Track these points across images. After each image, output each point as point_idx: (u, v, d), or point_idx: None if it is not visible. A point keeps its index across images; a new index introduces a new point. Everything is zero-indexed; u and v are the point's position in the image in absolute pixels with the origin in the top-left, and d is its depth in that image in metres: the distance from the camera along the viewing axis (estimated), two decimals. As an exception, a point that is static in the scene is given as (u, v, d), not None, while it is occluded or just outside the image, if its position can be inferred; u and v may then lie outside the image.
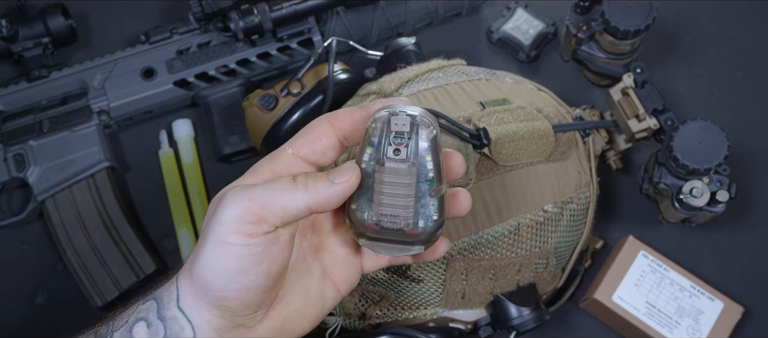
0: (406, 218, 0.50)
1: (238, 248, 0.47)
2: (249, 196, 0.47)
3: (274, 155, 0.51)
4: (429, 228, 0.50)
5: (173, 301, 0.50)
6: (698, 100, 0.86)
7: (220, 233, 0.47)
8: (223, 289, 0.48)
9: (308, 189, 0.48)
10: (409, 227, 0.50)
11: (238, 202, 0.47)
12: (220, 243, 0.47)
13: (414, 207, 0.49)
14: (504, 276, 0.68)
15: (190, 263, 0.50)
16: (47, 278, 0.81)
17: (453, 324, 0.71)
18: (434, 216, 0.50)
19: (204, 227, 0.49)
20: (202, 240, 0.48)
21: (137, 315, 0.51)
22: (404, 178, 0.49)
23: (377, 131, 0.48)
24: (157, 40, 0.84)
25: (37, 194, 0.80)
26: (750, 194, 0.81)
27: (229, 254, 0.47)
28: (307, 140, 0.51)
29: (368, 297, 0.70)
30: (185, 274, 0.50)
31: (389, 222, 0.50)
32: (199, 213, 0.82)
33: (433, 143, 0.48)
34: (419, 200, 0.49)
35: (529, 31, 0.87)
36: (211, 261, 0.47)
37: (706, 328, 0.73)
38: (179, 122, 0.85)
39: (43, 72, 0.82)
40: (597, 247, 0.79)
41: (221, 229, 0.47)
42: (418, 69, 0.73)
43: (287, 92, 0.78)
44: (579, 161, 0.73)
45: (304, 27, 0.82)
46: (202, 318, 0.49)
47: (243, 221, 0.47)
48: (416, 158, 0.48)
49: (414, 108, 0.49)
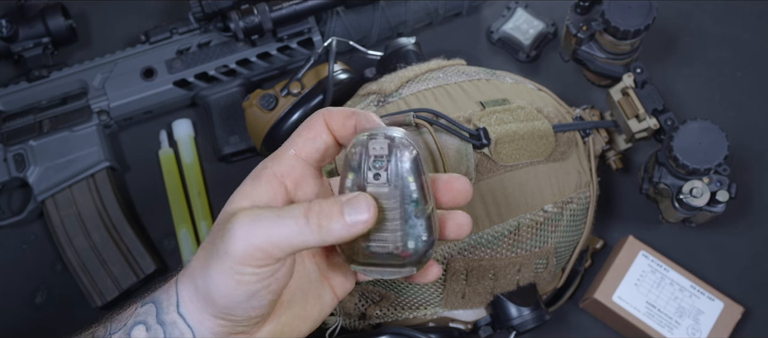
0: (394, 241, 0.49)
1: (247, 277, 0.46)
2: (260, 230, 0.46)
3: (276, 156, 0.51)
4: (420, 249, 0.49)
5: (173, 306, 0.50)
6: (698, 100, 0.86)
7: (229, 264, 0.46)
8: (231, 307, 0.48)
9: (321, 230, 0.46)
10: (399, 249, 0.49)
11: (247, 238, 0.46)
12: (229, 272, 0.46)
13: (401, 229, 0.49)
14: (504, 276, 0.68)
15: (193, 273, 0.49)
16: (47, 278, 0.81)
17: (453, 324, 0.71)
18: (424, 236, 0.49)
19: (212, 244, 0.48)
20: (209, 258, 0.48)
21: (136, 318, 0.51)
22: (387, 201, 0.48)
23: (357, 155, 0.48)
24: (157, 40, 0.84)
25: (37, 194, 0.80)
26: (750, 194, 0.81)
27: (238, 282, 0.47)
28: (307, 139, 0.51)
29: (368, 297, 0.70)
30: (187, 281, 0.50)
31: (378, 247, 0.49)
32: (199, 213, 0.82)
33: (415, 163, 0.48)
34: (407, 222, 0.49)
35: (529, 31, 0.87)
36: (220, 285, 0.47)
37: (706, 328, 0.73)
38: (179, 122, 0.85)
39: (43, 72, 0.82)
40: (597, 247, 0.79)
41: (230, 260, 0.46)
42: (418, 69, 0.73)
43: (287, 92, 0.78)
44: (579, 161, 0.73)
45: (304, 27, 0.82)
46: (203, 325, 0.49)
47: (253, 257, 0.46)
48: (398, 181, 0.48)
49: (395, 130, 0.48)
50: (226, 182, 0.83)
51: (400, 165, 0.48)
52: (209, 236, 0.49)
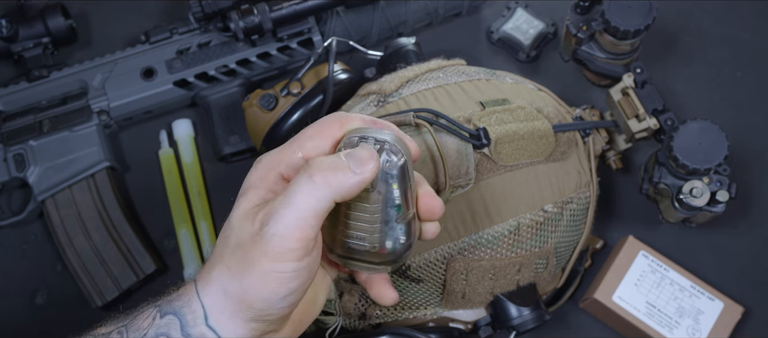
0: (372, 241, 0.50)
1: (288, 275, 0.47)
2: (284, 219, 0.46)
3: (282, 160, 0.50)
4: (397, 250, 0.50)
5: (200, 318, 0.49)
6: (698, 100, 0.86)
7: (269, 265, 0.47)
8: (269, 308, 0.48)
9: (330, 184, 0.47)
10: (377, 248, 0.50)
11: (290, 233, 0.46)
12: (270, 273, 0.47)
13: (381, 231, 0.49)
14: (504, 276, 0.68)
15: (220, 282, 0.49)
16: (47, 278, 0.81)
17: (453, 324, 0.71)
18: (402, 239, 0.50)
19: (242, 252, 0.48)
20: (243, 267, 0.48)
21: (157, 331, 0.50)
22: (370, 204, 0.49)
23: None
24: (157, 40, 0.84)
25: (37, 194, 0.80)
26: (750, 194, 0.81)
27: (280, 281, 0.47)
28: (316, 145, 0.50)
29: (368, 297, 0.70)
30: (213, 291, 0.49)
31: (356, 244, 0.50)
32: (199, 213, 0.82)
33: (401, 170, 0.48)
34: (387, 224, 0.49)
35: (529, 31, 0.87)
36: (259, 289, 0.47)
37: (706, 328, 0.73)
38: (179, 122, 0.85)
39: (43, 72, 0.82)
40: (597, 247, 0.79)
41: (269, 261, 0.47)
42: (418, 69, 0.73)
43: (287, 92, 0.78)
44: (579, 161, 0.73)
45: (304, 27, 0.82)
46: (235, 333, 0.49)
47: (291, 250, 0.46)
48: (382, 185, 0.48)
49: (386, 134, 0.49)
50: (226, 182, 0.83)
51: (386, 171, 0.48)
52: (225, 242, 0.49)
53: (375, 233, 0.50)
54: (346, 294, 0.69)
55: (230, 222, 0.50)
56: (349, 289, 0.69)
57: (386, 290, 0.55)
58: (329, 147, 0.50)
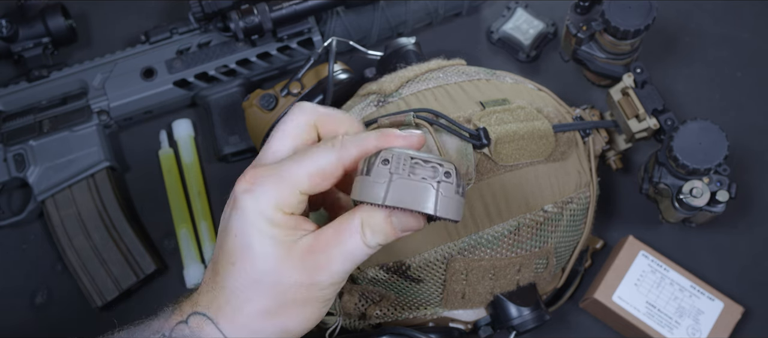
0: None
1: (327, 292, 0.49)
2: (343, 266, 0.48)
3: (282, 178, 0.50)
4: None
5: None
6: (698, 100, 0.86)
7: (315, 294, 0.48)
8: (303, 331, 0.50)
9: (377, 244, 0.48)
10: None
11: (339, 278, 0.48)
12: (315, 302, 0.48)
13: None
14: (504, 276, 0.68)
15: (255, 322, 0.48)
16: (47, 278, 0.81)
17: (453, 324, 0.71)
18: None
19: (289, 294, 0.48)
20: (290, 308, 0.48)
21: None
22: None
23: (380, 159, 0.47)
24: (157, 40, 0.84)
25: (37, 194, 0.80)
26: (750, 194, 0.81)
27: (325, 303, 0.49)
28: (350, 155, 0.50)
29: (368, 297, 0.70)
30: (244, 332, 0.49)
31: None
32: (199, 213, 0.82)
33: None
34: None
35: (529, 31, 0.87)
36: (301, 323, 0.49)
37: (706, 328, 0.73)
38: (179, 122, 0.85)
39: (43, 72, 0.82)
40: (597, 247, 0.79)
41: (316, 290, 0.48)
42: (418, 69, 0.73)
43: (287, 92, 0.78)
44: (579, 161, 0.73)
45: (304, 27, 0.82)
46: None
47: (338, 286, 0.49)
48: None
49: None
50: (226, 182, 0.83)
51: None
52: (242, 260, 0.48)
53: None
54: (346, 294, 0.69)
55: (243, 229, 0.48)
56: (349, 289, 0.69)
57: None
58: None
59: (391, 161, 0.45)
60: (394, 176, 0.45)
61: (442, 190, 0.45)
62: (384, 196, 0.45)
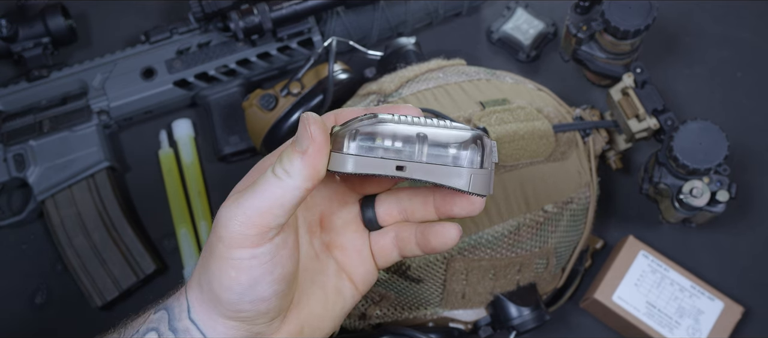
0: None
1: (245, 262, 0.45)
2: (242, 208, 0.45)
3: None
4: None
5: (185, 312, 0.48)
6: (698, 100, 0.86)
7: (222, 251, 0.45)
8: (237, 302, 0.46)
9: (291, 175, 0.44)
10: None
11: (234, 217, 0.44)
12: (227, 259, 0.45)
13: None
14: (504, 276, 0.68)
15: (198, 275, 0.48)
16: (47, 278, 0.81)
17: (453, 324, 0.71)
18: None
19: (208, 242, 0.47)
20: (207, 256, 0.47)
21: (148, 325, 0.49)
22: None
23: (369, 125, 0.47)
24: (157, 40, 0.84)
25: (37, 194, 0.80)
26: (750, 194, 0.81)
27: (239, 268, 0.45)
28: None
29: (368, 297, 0.70)
30: (194, 286, 0.49)
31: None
32: (199, 213, 0.82)
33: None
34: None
35: (529, 31, 0.87)
36: (219, 277, 0.46)
37: (706, 328, 0.73)
38: (179, 122, 0.85)
39: (43, 72, 0.82)
40: (597, 247, 0.79)
41: (224, 246, 0.45)
42: (418, 69, 0.73)
43: (287, 92, 0.78)
44: (579, 161, 0.73)
45: (304, 27, 0.82)
46: (216, 330, 0.48)
47: (245, 236, 0.44)
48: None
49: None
50: (226, 182, 0.83)
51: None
52: (208, 237, 0.48)
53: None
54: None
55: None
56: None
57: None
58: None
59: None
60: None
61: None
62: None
